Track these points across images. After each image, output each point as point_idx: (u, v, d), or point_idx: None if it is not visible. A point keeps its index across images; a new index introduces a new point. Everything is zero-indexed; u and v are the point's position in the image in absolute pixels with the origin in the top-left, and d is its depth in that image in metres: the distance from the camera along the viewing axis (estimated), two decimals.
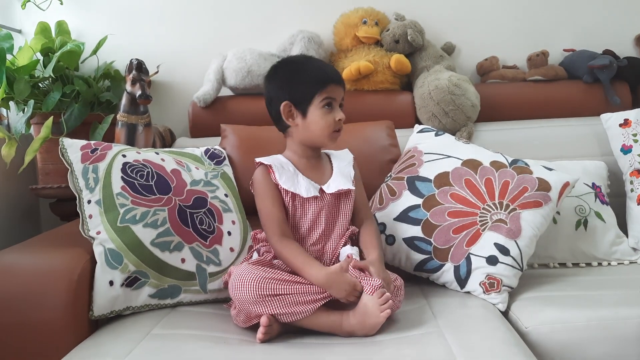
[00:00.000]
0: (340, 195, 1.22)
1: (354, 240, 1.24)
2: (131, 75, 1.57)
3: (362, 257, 1.18)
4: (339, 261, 1.14)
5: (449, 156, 1.42)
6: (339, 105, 1.20)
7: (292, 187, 1.18)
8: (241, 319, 1.09)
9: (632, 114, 1.63)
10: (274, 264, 1.15)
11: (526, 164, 1.39)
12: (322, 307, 1.05)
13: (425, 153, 1.46)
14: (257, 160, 1.23)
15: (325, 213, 1.20)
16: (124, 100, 1.59)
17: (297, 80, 1.19)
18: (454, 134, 1.65)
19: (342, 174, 1.24)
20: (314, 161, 1.25)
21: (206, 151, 1.51)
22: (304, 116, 1.19)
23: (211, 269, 1.25)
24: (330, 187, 1.21)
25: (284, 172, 1.20)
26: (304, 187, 1.19)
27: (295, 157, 1.24)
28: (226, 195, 1.39)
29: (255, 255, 1.22)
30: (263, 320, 1.01)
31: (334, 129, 1.19)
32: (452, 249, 1.28)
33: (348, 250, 1.17)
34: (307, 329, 1.05)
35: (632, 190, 1.56)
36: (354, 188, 1.23)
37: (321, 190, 1.20)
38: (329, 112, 1.18)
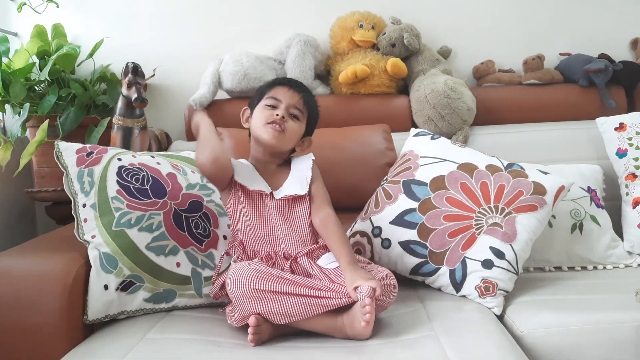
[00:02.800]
0: (294, 200, 1.24)
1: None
2: (127, 79, 1.56)
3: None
4: (318, 268, 1.14)
5: (445, 160, 1.42)
6: (287, 110, 1.25)
7: (244, 181, 1.23)
8: (235, 318, 1.09)
9: (627, 118, 1.63)
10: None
11: (521, 167, 1.39)
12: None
13: (421, 157, 1.46)
14: None
15: (281, 215, 1.21)
16: (119, 104, 1.59)
17: (256, 91, 1.34)
18: (450, 138, 1.64)
19: (296, 178, 1.27)
20: (272, 167, 1.30)
21: None
22: (252, 114, 1.30)
23: (206, 273, 1.25)
24: (281, 192, 1.24)
25: (243, 167, 1.28)
26: (255, 182, 1.24)
27: (254, 162, 1.30)
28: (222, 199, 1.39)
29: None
30: (251, 320, 1.01)
31: (268, 120, 1.24)
32: (447, 253, 1.28)
33: (325, 260, 1.17)
34: (303, 329, 1.05)
35: (627, 194, 1.56)
36: (304, 193, 1.24)
37: (271, 195, 1.23)
38: (270, 109, 1.26)
